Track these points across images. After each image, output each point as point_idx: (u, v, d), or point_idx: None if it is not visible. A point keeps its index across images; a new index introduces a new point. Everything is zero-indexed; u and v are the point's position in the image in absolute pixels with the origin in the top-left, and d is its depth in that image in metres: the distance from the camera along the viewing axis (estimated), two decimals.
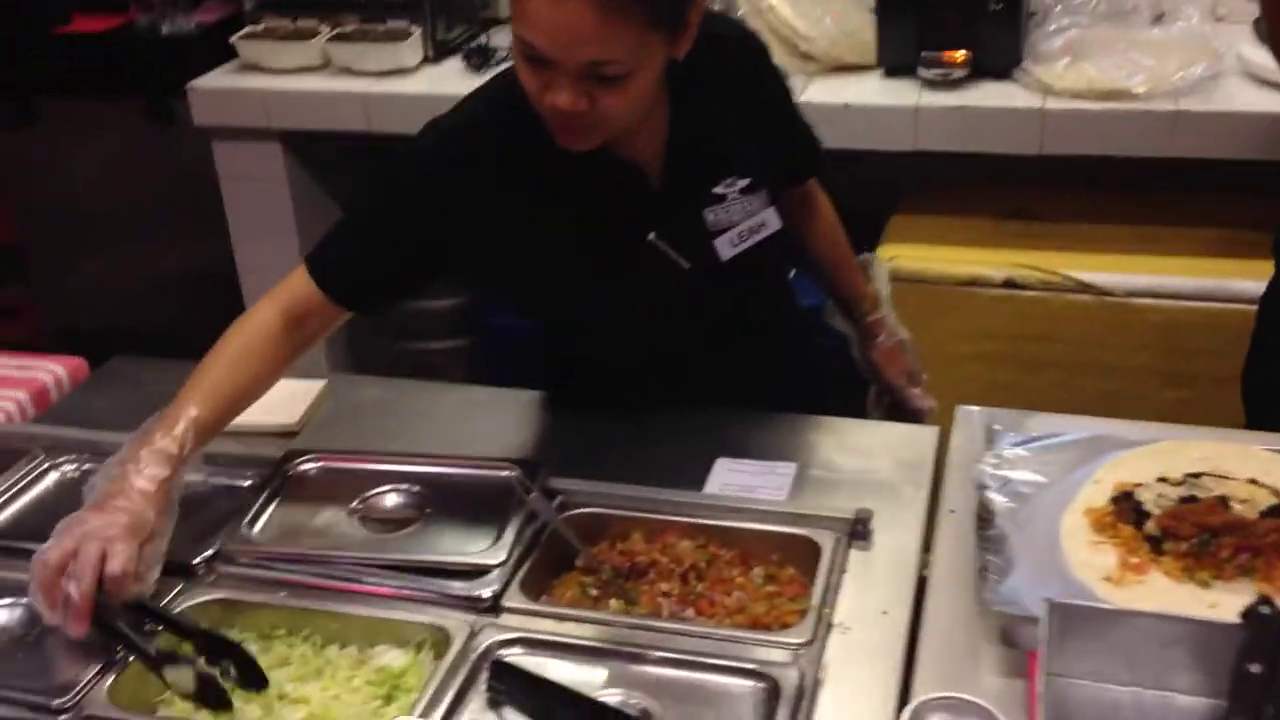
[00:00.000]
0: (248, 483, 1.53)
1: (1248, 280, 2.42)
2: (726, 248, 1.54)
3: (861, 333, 1.83)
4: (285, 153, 2.99)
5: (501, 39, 2.93)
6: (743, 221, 1.54)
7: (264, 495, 1.48)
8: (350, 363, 3.35)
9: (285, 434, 1.66)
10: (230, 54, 3.00)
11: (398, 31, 2.91)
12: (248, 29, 3.00)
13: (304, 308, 1.47)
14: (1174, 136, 2.40)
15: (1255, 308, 2.44)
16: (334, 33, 2.95)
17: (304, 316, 1.47)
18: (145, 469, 1.31)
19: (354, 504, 1.48)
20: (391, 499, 1.49)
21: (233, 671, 1.23)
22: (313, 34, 2.95)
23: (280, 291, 1.48)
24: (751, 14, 2.68)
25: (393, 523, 1.46)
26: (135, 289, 3.46)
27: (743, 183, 1.53)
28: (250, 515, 1.45)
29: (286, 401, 1.72)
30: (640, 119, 1.42)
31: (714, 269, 1.54)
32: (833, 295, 1.85)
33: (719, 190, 1.52)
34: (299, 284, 1.47)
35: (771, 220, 1.56)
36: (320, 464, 1.55)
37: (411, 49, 2.89)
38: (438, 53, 2.94)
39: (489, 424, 1.70)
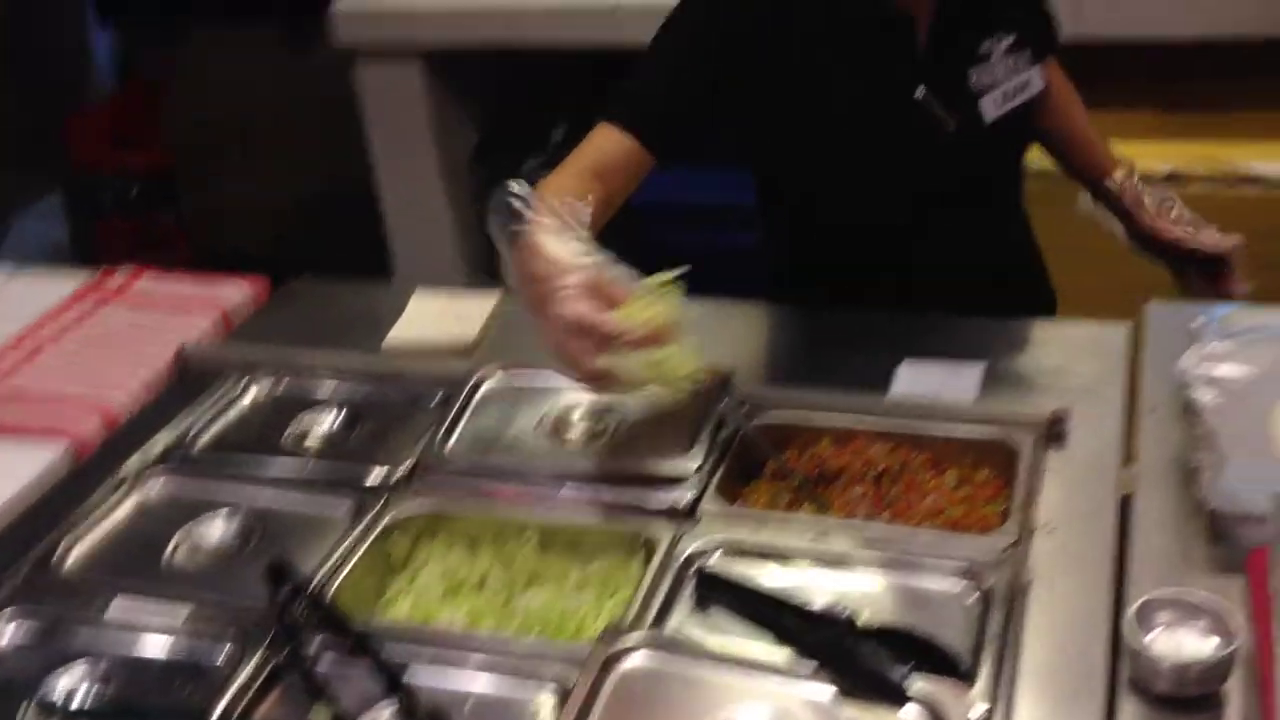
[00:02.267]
0: (436, 397, 1.56)
1: None
2: (991, 108, 1.54)
3: (1128, 204, 1.71)
4: (425, 71, 3.01)
5: None
6: (1007, 80, 1.54)
7: (454, 410, 1.51)
8: (487, 282, 3.40)
9: (462, 351, 1.69)
10: None
11: None
12: None
13: (609, 161, 1.44)
14: None
15: None
16: None
17: (609, 170, 1.43)
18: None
19: (540, 418, 1.50)
20: (579, 411, 1.51)
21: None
22: None
23: (576, 156, 1.45)
24: None
25: (584, 433, 1.48)
26: (278, 213, 3.53)
27: (1008, 40, 1.54)
28: (443, 430, 1.48)
29: (460, 318, 1.75)
30: None
31: (977, 131, 1.54)
32: (1082, 174, 1.77)
33: (984, 49, 1.53)
34: (600, 141, 1.45)
35: (1035, 80, 1.56)
36: (502, 377, 1.57)
37: None
38: None
39: None
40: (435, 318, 1.77)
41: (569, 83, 3.22)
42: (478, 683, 1.15)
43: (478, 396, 1.55)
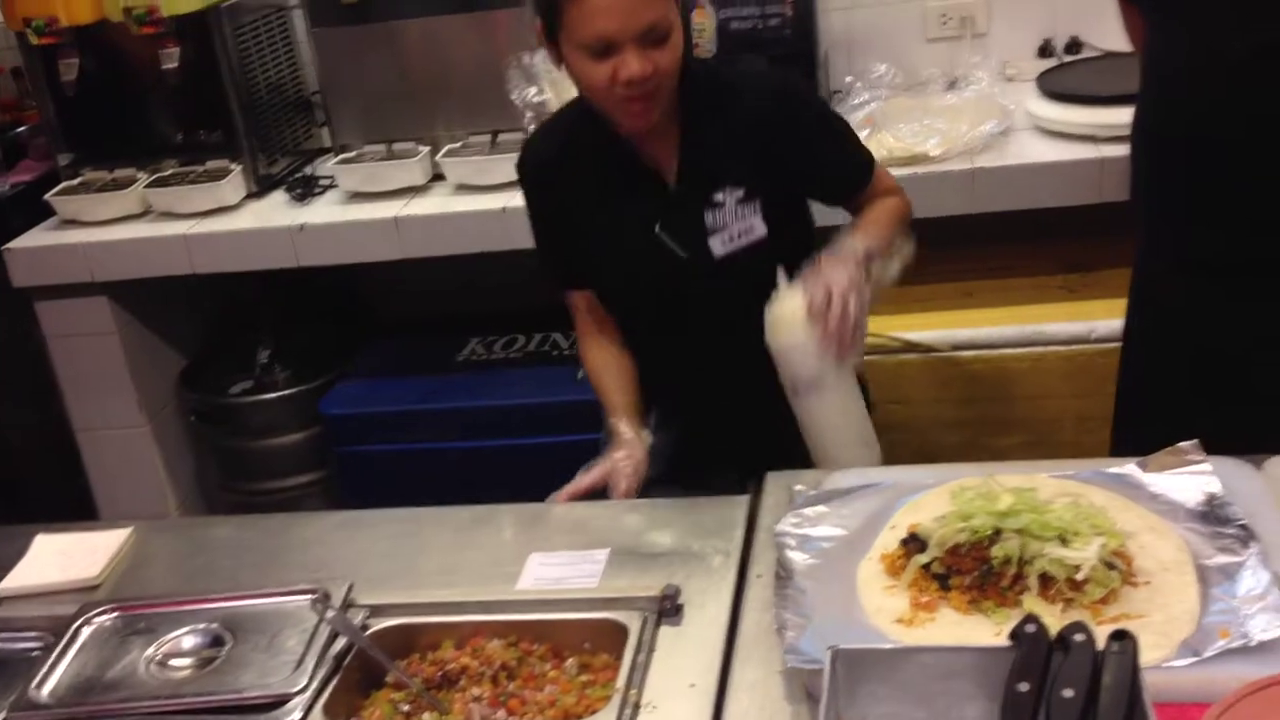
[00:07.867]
0: (38, 644, 1.46)
1: (1063, 323, 2.51)
2: (719, 246, 1.79)
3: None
4: (112, 305, 2.94)
5: (323, 169, 2.94)
6: (734, 224, 1.79)
7: (54, 654, 1.42)
8: (203, 509, 3.27)
9: (86, 589, 1.60)
10: (48, 212, 2.97)
11: (217, 170, 2.91)
12: (63, 184, 2.97)
13: (583, 305, 1.93)
14: (973, 193, 2.48)
15: (1070, 349, 2.51)
16: (153, 179, 2.93)
17: (589, 309, 1.93)
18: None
19: (151, 650, 1.42)
20: (190, 640, 1.44)
21: None
22: (130, 182, 2.93)
23: (575, 314, 1.96)
24: None
25: (193, 665, 1.41)
26: None
27: (738, 193, 1.78)
28: (39, 677, 1.38)
29: (86, 555, 1.66)
30: (663, 120, 1.74)
31: (707, 262, 1.79)
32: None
33: (718, 197, 1.78)
34: (570, 299, 1.94)
35: (758, 227, 1.79)
36: (114, 614, 1.49)
37: (233, 186, 2.88)
38: (261, 187, 2.94)
39: (299, 549, 1.65)
40: (57, 559, 1.67)
41: (267, 301, 3.23)
42: None
43: (82, 637, 1.46)
